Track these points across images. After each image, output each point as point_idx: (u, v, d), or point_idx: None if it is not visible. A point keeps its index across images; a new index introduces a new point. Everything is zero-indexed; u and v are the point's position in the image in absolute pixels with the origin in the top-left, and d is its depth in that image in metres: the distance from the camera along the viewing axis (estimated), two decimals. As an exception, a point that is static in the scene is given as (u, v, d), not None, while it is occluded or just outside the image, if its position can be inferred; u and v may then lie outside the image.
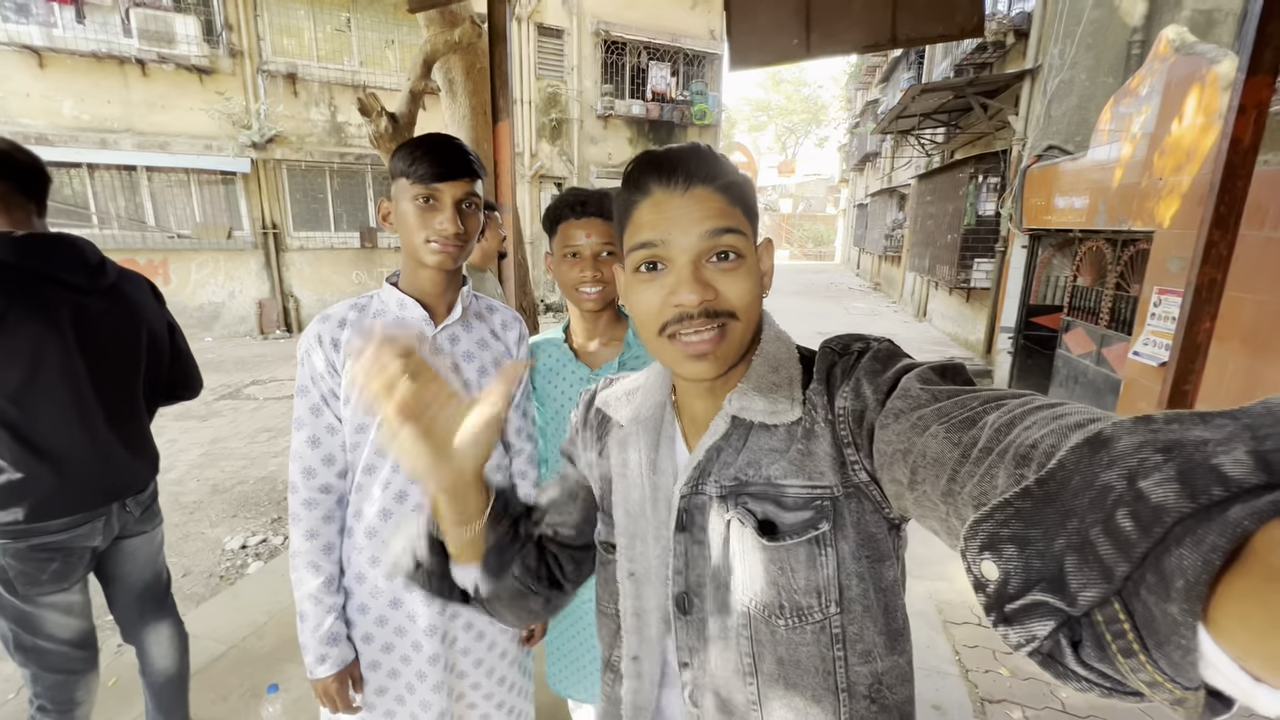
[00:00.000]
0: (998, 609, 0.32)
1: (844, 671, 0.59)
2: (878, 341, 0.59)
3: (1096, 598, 0.29)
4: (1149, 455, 0.27)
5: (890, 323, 10.61)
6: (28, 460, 1.30)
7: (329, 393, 1.04)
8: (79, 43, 7.38)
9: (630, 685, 0.69)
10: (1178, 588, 0.25)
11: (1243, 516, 0.24)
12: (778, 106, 37.30)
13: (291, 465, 1.06)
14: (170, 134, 8.12)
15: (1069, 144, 5.57)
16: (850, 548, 0.58)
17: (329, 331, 1.04)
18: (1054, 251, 5.73)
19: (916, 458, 0.45)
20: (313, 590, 1.04)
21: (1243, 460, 0.25)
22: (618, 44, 11.37)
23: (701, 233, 0.57)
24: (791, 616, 0.59)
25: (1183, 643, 0.25)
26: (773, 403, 0.60)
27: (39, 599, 1.35)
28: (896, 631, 0.61)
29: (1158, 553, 0.26)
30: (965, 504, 0.39)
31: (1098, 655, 0.29)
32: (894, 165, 13.56)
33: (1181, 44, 3.62)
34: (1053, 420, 0.36)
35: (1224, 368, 2.96)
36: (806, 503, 0.58)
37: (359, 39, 9.12)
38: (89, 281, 1.37)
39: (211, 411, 5.43)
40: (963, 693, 2.08)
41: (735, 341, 0.59)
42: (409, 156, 0.99)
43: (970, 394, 0.46)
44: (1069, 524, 0.30)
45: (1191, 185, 3.39)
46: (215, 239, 8.59)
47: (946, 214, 8.15)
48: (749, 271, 0.59)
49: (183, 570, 2.93)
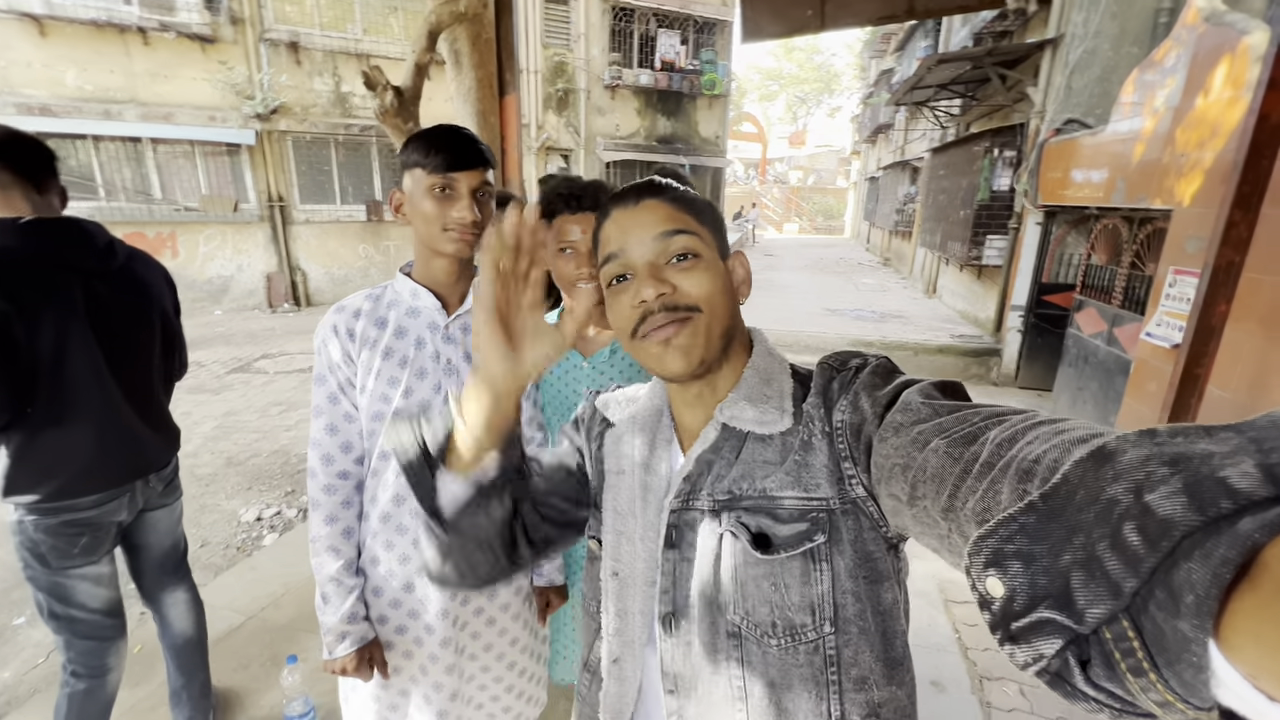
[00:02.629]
0: (1004, 627, 0.32)
1: (838, 698, 0.57)
2: (876, 357, 0.60)
3: (1104, 615, 0.28)
4: (1155, 468, 0.27)
5: (899, 299, 10.52)
6: (55, 441, 1.33)
7: (345, 381, 1.06)
8: (79, 10, 7.27)
9: (611, 689, 0.68)
10: (1187, 603, 0.24)
11: (1253, 529, 0.23)
12: (789, 75, 36.41)
13: (310, 452, 1.08)
14: (174, 104, 8.04)
15: (1089, 117, 5.41)
16: (846, 564, 0.57)
17: (344, 322, 1.06)
18: (1068, 229, 5.63)
19: (916, 473, 0.45)
20: (333, 573, 1.07)
21: (1250, 473, 0.24)
22: (626, 11, 11.08)
23: (654, 236, 0.61)
24: (784, 636, 0.57)
25: (1194, 660, 0.25)
26: (762, 412, 0.61)
27: (70, 571, 1.40)
28: (895, 660, 0.59)
29: (1166, 567, 0.26)
30: (968, 520, 0.38)
31: (1107, 674, 0.29)
32: (907, 138, 13.26)
33: (1212, 13, 3.48)
34: (1055, 435, 0.36)
35: (1238, 351, 2.92)
36: (801, 515, 0.57)
37: (361, 5, 8.92)
38: (99, 264, 1.38)
39: (223, 385, 5.50)
40: (962, 670, 2.13)
41: (702, 333, 0.60)
42: (424, 148, 1.00)
43: (971, 409, 0.45)
44: (1075, 539, 0.29)
45: (1214, 163, 3.30)
46: (222, 212, 8.57)
47: (960, 189, 7.99)
48: (707, 268, 0.62)
49: (200, 541, 3.01)
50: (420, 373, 1.07)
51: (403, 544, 1.10)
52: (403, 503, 1.09)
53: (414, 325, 1.08)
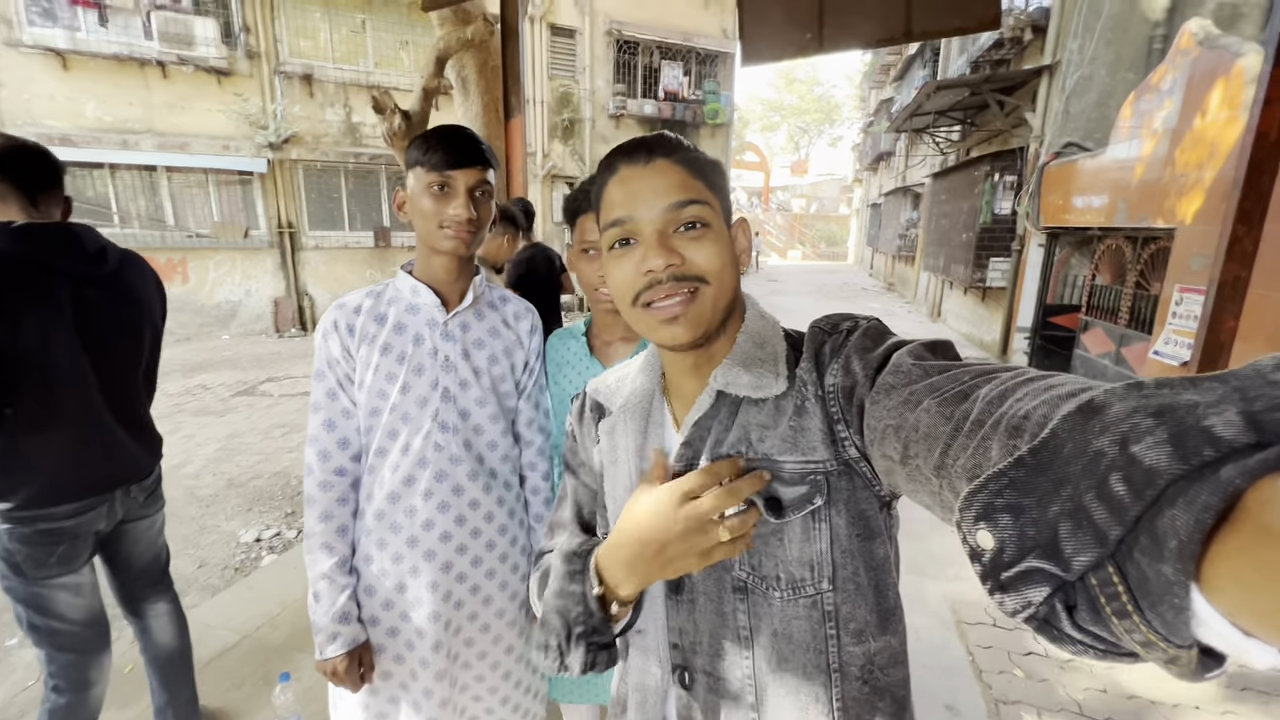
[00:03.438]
0: (993, 577, 0.33)
1: (836, 651, 0.60)
2: (866, 320, 0.60)
3: (1090, 562, 0.29)
4: (1141, 420, 0.28)
5: (905, 323, 10.51)
6: (33, 446, 1.31)
7: (344, 377, 1.07)
8: (101, 45, 7.52)
9: (636, 664, 0.70)
10: (1170, 548, 0.25)
11: (1234, 475, 0.24)
12: (790, 106, 37.12)
13: (308, 449, 1.07)
14: (190, 135, 8.24)
15: (1088, 141, 5.48)
16: (843, 523, 0.58)
17: (345, 317, 1.06)
18: (1072, 250, 5.64)
19: (909, 432, 0.45)
20: (326, 570, 1.05)
21: (1233, 421, 0.25)
22: (630, 43, 11.38)
23: (665, 206, 0.59)
24: (787, 589, 0.60)
25: (1175, 601, 0.26)
26: (758, 377, 0.61)
27: (48, 581, 1.37)
28: (888, 611, 0.61)
29: (1150, 515, 0.26)
30: (959, 476, 0.39)
31: (1092, 618, 0.30)
32: (908, 164, 13.44)
33: (1205, 37, 3.54)
34: (1045, 391, 0.36)
35: (1248, 367, 2.89)
36: (801, 478, 0.58)
37: (374, 40, 9.21)
38: (88, 269, 1.36)
39: (228, 408, 5.51)
40: (976, 693, 2.05)
41: (708, 306, 0.60)
42: (424, 145, 1.01)
43: (962, 368, 0.46)
44: (1062, 491, 0.30)
45: (1215, 181, 3.32)
46: (232, 238, 8.71)
47: (962, 213, 8.05)
48: (716, 239, 0.60)
49: (199, 562, 2.97)
50: (418, 369, 1.07)
51: (396, 543, 1.08)
52: (397, 500, 1.07)
53: (413, 321, 1.08)
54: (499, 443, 1.15)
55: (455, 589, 1.11)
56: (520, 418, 1.21)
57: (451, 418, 1.09)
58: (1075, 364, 5.03)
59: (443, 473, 1.08)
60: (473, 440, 1.11)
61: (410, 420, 1.07)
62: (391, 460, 1.07)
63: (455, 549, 1.10)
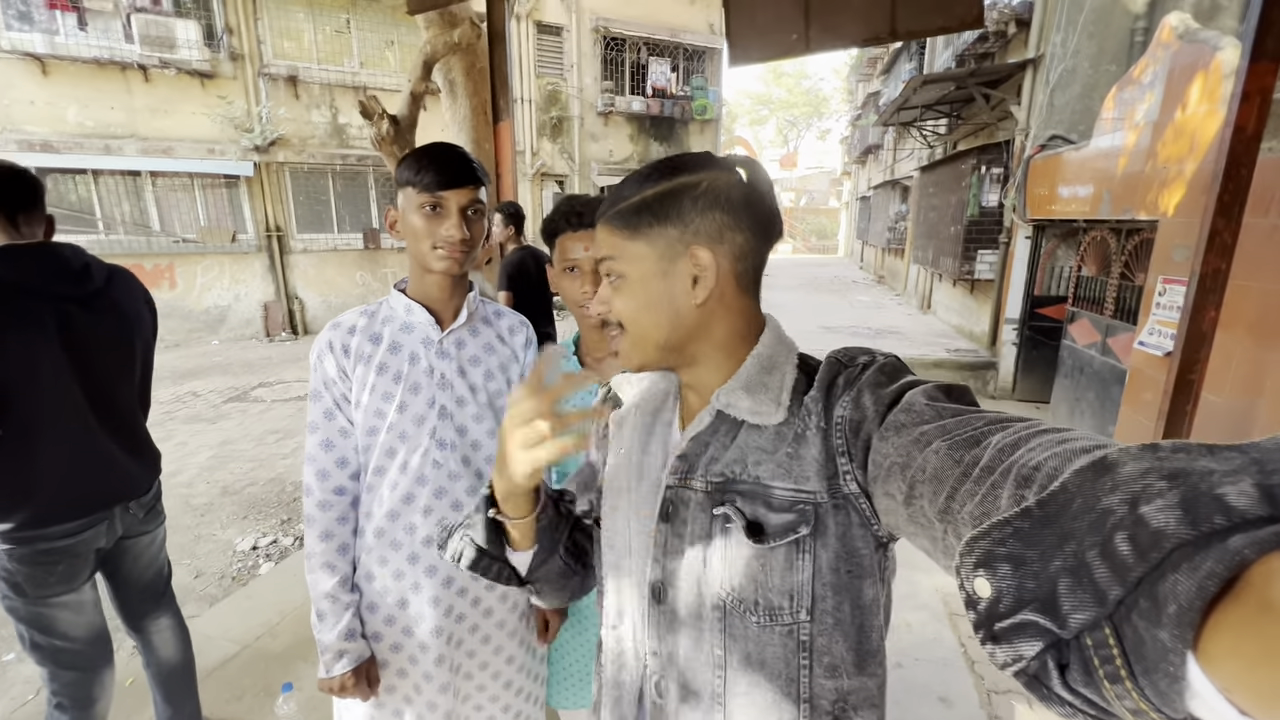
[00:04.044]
0: (987, 626, 0.32)
1: (808, 681, 0.60)
2: (885, 356, 0.60)
3: (1087, 620, 0.28)
4: (1153, 481, 0.27)
5: (894, 315, 10.58)
6: (29, 468, 1.31)
7: (341, 397, 1.07)
8: (81, 49, 7.41)
9: (612, 664, 0.72)
10: (1170, 613, 0.25)
11: (1243, 545, 0.23)
12: (778, 100, 37.12)
13: (306, 468, 1.08)
14: (173, 139, 8.15)
15: (1072, 133, 5.53)
16: (829, 557, 0.58)
17: (340, 338, 1.07)
18: (1058, 242, 5.70)
19: (915, 472, 0.45)
20: (329, 589, 1.06)
21: (1248, 492, 0.24)
22: (617, 40, 11.34)
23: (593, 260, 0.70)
24: (764, 614, 0.60)
25: (1170, 670, 0.25)
26: (757, 402, 0.61)
27: (50, 600, 1.38)
28: (869, 653, 0.61)
29: (1153, 578, 0.26)
30: (964, 523, 0.38)
31: (1084, 680, 0.29)
32: (896, 157, 13.49)
33: (1185, 31, 3.59)
34: (1058, 444, 0.36)
35: (1230, 356, 2.94)
36: (790, 505, 0.59)
37: (359, 40, 9.13)
38: (74, 288, 1.36)
39: (220, 414, 5.48)
40: (969, 684, 2.09)
41: (633, 345, 0.66)
42: (414, 166, 1.01)
43: (975, 414, 0.45)
44: (1066, 546, 0.29)
45: (1195, 173, 3.37)
46: (220, 243, 8.63)
47: (950, 206, 8.11)
48: (629, 287, 0.65)
49: (195, 572, 2.96)
50: (414, 388, 1.08)
51: (397, 560, 1.09)
52: (397, 518, 1.08)
53: (408, 340, 1.09)
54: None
55: (456, 603, 1.12)
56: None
57: (449, 435, 1.09)
58: (1063, 354, 5.09)
59: (442, 489, 1.09)
60: (471, 456, 1.12)
61: (408, 438, 1.07)
62: (390, 478, 1.08)
63: None
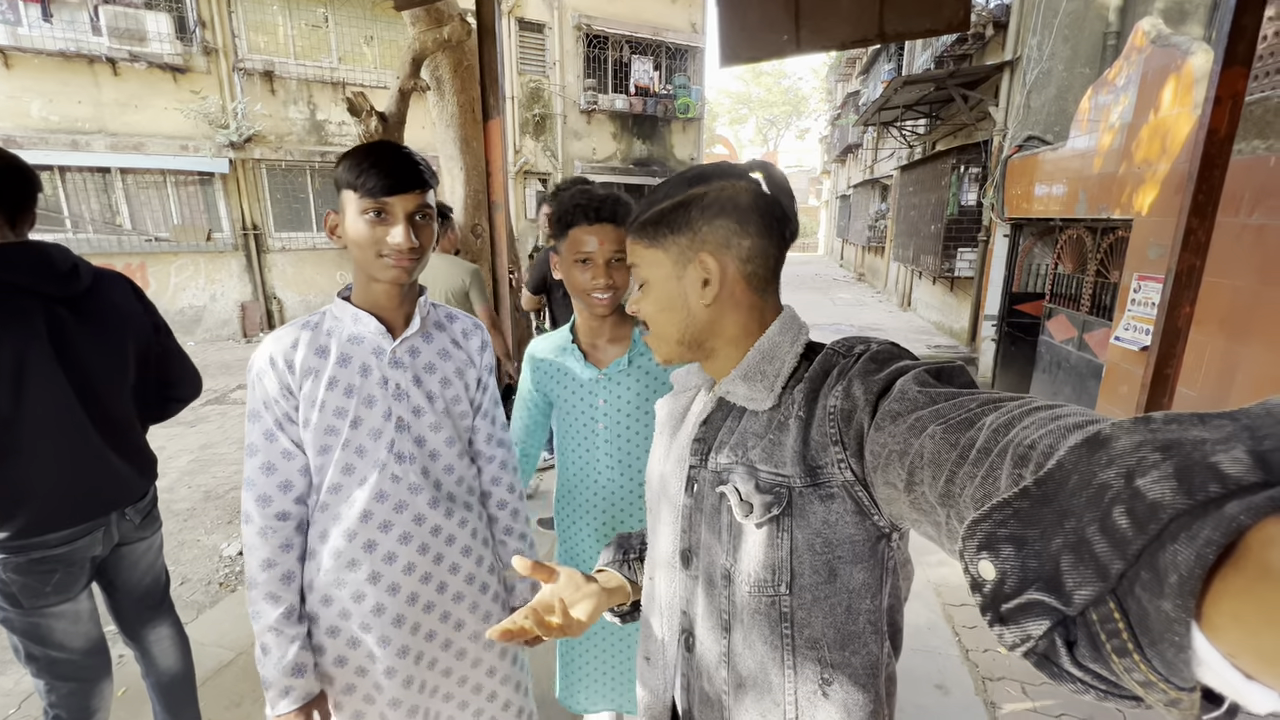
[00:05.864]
0: (994, 608, 0.33)
1: (791, 650, 0.65)
2: (879, 343, 0.61)
3: (1091, 596, 0.29)
4: (1147, 454, 0.27)
5: (875, 313, 10.73)
6: (20, 475, 1.27)
7: (284, 417, 0.99)
8: (46, 41, 7.17)
9: (653, 624, 0.79)
10: (1171, 583, 0.25)
11: (1239, 512, 0.24)
12: (758, 99, 37.35)
13: (245, 494, 0.99)
14: (144, 134, 7.92)
15: (1048, 134, 5.67)
16: (805, 537, 0.62)
17: (282, 353, 0.98)
18: (1035, 240, 5.84)
19: (914, 458, 0.45)
20: (272, 622, 0.99)
21: (1241, 459, 0.25)
22: (600, 38, 11.31)
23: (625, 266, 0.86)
24: (754, 585, 0.65)
25: (1176, 639, 0.25)
26: (752, 389, 0.66)
27: (45, 610, 1.34)
28: (853, 634, 0.63)
29: (1153, 549, 0.26)
30: (966, 506, 0.39)
31: (1092, 655, 0.29)
32: (876, 157, 13.67)
33: (1156, 35, 3.70)
34: (1051, 421, 0.36)
35: (1203, 351, 3.05)
36: (770, 488, 0.63)
37: (337, 35, 8.96)
38: (61, 289, 1.31)
39: (199, 417, 5.35)
40: (964, 672, 2.15)
41: (658, 341, 0.74)
42: (355, 168, 0.91)
43: (968, 395, 0.46)
44: (1066, 524, 0.30)
45: (1169, 174, 3.48)
46: (194, 241, 8.42)
47: (929, 204, 8.25)
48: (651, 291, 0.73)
49: (180, 578, 2.90)
50: (368, 400, 1.02)
51: (356, 580, 1.03)
52: (354, 537, 1.02)
53: (358, 351, 1.01)
54: (455, 465, 1.11)
55: (424, 620, 1.08)
56: (478, 435, 1.17)
57: (407, 447, 1.04)
58: (1041, 350, 5.22)
59: (402, 503, 1.04)
60: (430, 467, 1.07)
61: (365, 454, 1.01)
62: (347, 496, 1.02)
63: (420, 579, 1.07)
